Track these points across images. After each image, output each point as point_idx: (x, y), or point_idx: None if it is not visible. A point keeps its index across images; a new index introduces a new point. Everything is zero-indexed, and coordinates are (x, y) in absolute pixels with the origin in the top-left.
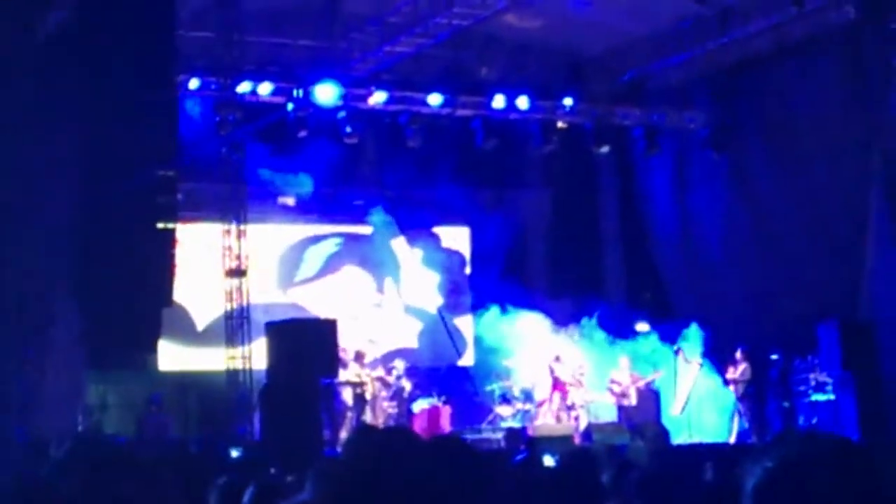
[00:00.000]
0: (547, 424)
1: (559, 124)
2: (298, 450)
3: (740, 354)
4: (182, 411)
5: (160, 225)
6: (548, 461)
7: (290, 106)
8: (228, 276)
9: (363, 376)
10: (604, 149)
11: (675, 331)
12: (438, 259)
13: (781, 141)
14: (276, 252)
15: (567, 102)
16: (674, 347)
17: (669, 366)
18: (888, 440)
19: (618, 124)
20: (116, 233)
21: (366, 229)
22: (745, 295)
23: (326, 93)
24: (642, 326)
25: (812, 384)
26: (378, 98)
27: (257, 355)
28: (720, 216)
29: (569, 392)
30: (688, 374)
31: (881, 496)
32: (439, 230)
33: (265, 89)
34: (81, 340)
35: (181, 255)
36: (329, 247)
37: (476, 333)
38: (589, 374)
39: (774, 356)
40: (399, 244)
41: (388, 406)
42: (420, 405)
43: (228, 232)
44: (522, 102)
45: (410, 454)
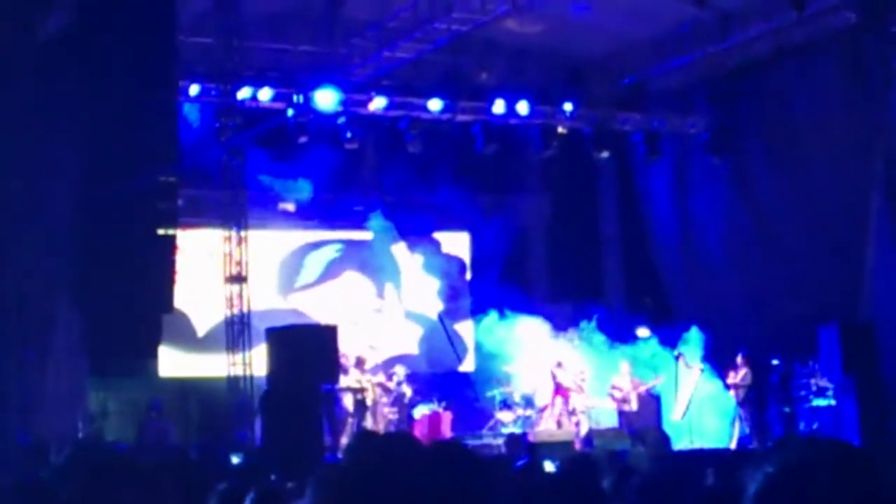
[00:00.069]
0: (547, 430)
1: (559, 129)
2: (299, 456)
3: (741, 359)
4: (182, 417)
5: (160, 231)
6: (548, 467)
7: (291, 112)
8: (229, 283)
9: (364, 382)
10: (604, 154)
11: (676, 335)
12: (439, 264)
13: (782, 144)
14: (277, 258)
15: (567, 107)
16: (674, 353)
17: (670, 371)
18: (889, 445)
19: (618, 129)
20: (116, 238)
21: (366, 235)
22: (746, 298)
23: (326, 98)
24: (643, 332)
25: (813, 389)
26: (378, 103)
27: (258, 361)
28: (720, 220)
29: (570, 397)
30: (689, 380)
31: (883, 500)
32: (439, 235)
33: (265, 95)
34: (82, 346)
35: (182, 262)
36: (329, 252)
37: (476, 339)
38: (590, 380)
39: (775, 361)
40: (399, 250)
41: (389, 412)
42: (421, 411)
43: (229, 238)
44: (522, 107)
45: (411, 460)
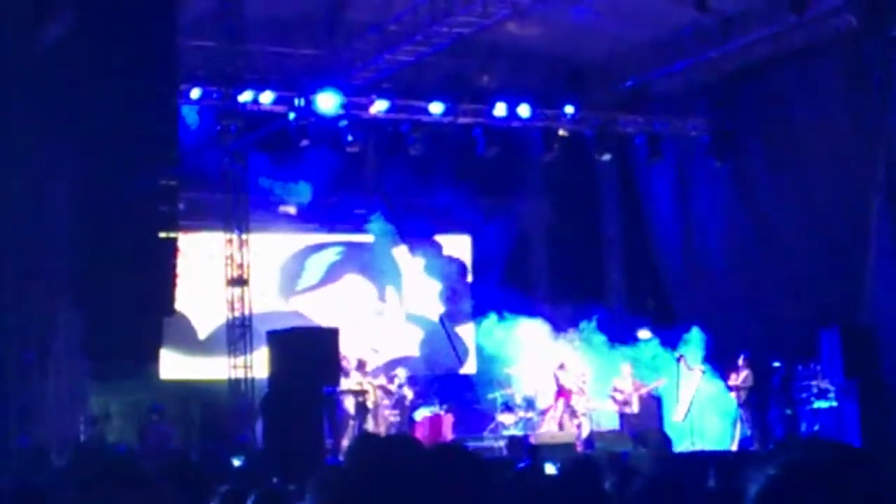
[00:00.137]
0: (549, 432)
1: (560, 132)
2: (300, 458)
3: (742, 361)
4: (184, 420)
5: (162, 234)
6: (550, 469)
7: (292, 115)
8: (230, 285)
9: (365, 385)
10: (605, 156)
11: (676, 336)
12: (440, 267)
13: (782, 147)
14: (278, 261)
15: (568, 110)
16: (676, 355)
17: (671, 373)
18: (891, 446)
19: (619, 132)
20: (118, 242)
21: (367, 238)
22: (747, 300)
23: (328, 101)
24: (644, 334)
25: (814, 391)
26: (379, 106)
27: (259, 364)
28: (722, 222)
29: (572, 399)
30: (690, 382)
31: (884, 503)
32: (441, 238)
33: (267, 98)
34: (83, 349)
35: (183, 265)
36: (330, 255)
37: (477, 341)
38: (591, 382)
39: (776, 363)
40: (400, 252)
41: (390, 414)
42: (422, 413)
43: (230, 241)
44: (524, 110)
45: (412, 462)
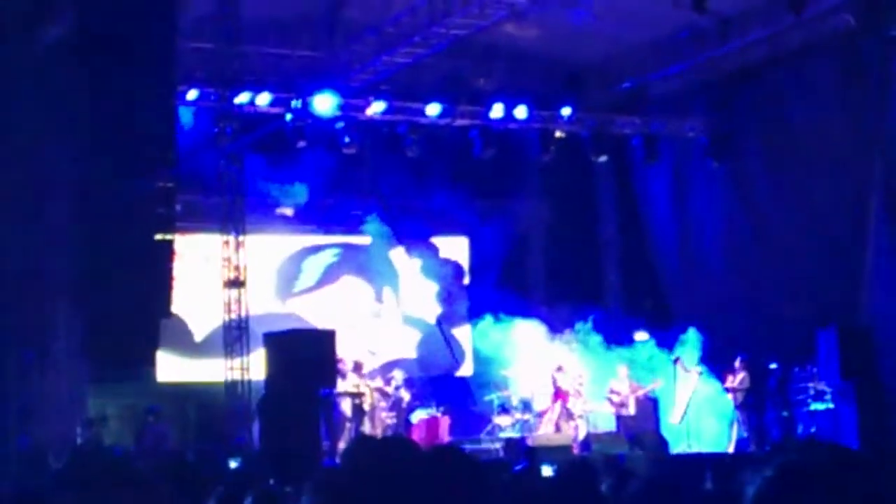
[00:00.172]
0: (546, 434)
1: (557, 133)
2: (297, 460)
3: (739, 363)
4: (181, 422)
5: (158, 236)
6: (546, 471)
7: (289, 116)
8: (227, 287)
9: (362, 387)
10: (602, 157)
11: (673, 337)
12: (437, 269)
13: (780, 148)
14: (275, 263)
15: (565, 112)
16: (672, 357)
17: (668, 375)
18: (888, 448)
19: (616, 133)
20: (115, 244)
21: (364, 239)
22: (745, 302)
23: (325, 103)
24: (641, 336)
25: (811, 393)
26: (376, 108)
27: (256, 366)
28: (719, 223)
29: (569, 402)
30: (687, 384)
31: None
32: (438, 240)
33: (264, 100)
34: (80, 351)
35: (180, 267)
36: (327, 257)
37: (474, 343)
38: (587, 384)
39: (773, 365)
40: (397, 254)
41: (387, 416)
42: (419, 415)
43: (227, 243)
44: (521, 112)
45: (409, 464)
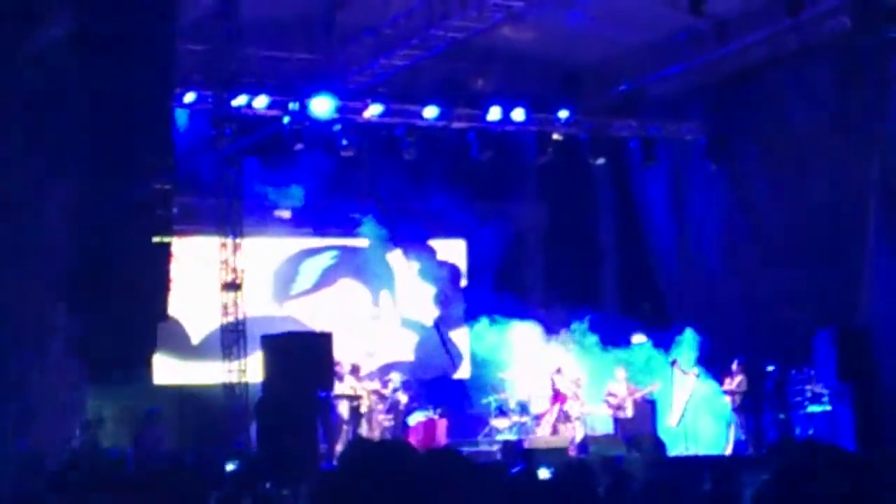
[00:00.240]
0: (543, 437)
1: (555, 136)
2: (294, 463)
3: (736, 366)
4: (178, 425)
5: (156, 238)
6: (544, 473)
7: (286, 119)
8: (224, 290)
9: (359, 389)
10: (600, 160)
11: (669, 337)
12: (434, 271)
13: (778, 150)
14: (272, 265)
15: (563, 114)
16: (669, 359)
17: (665, 377)
18: (885, 451)
19: (614, 136)
20: (112, 246)
21: (361, 242)
22: (742, 304)
23: (322, 106)
24: (639, 338)
25: (808, 395)
26: (374, 111)
27: (253, 369)
28: (717, 226)
29: (567, 404)
30: (684, 386)
31: None
32: (435, 243)
33: (261, 102)
34: (77, 354)
35: (177, 269)
36: (325, 260)
37: (471, 345)
38: (585, 386)
39: (770, 367)
40: (395, 257)
41: (384, 419)
42: (416, 418)
43: (224, 245)
44: (518, 114)
45: (405, 467)
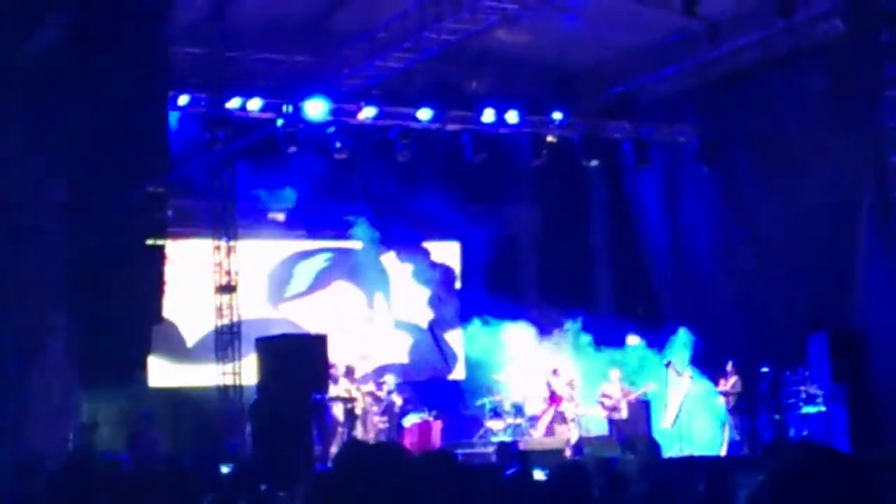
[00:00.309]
0: (538, 438)
1: (549, 138)
2: (289, 465)
3: (731, 367)
4: (173, 428)
5: (150, 241)
6: (538, 475)
7: (280, 122)
8: (218, 292)
9: (353, 391)
10: (593, 162)
11: (663, 337)
12: (428, 274)
13: (771, 152)
14: (266, 268)
15: (556, 116)
16: (664, 361)
17: (660, 378)
18: (879, 451)
19: (607, 138)
20: (106, 249)
21: (355, 244)
22: (736, 306)
23: (316, 108)
24: (633, 340)
25: (803, 396)
26: (368, 113)
27: (248, 371)
28: (710, 228)
29: (562, 405)
30: (679, 387)
31: None
32: (429, 245)
33: (255, 105)
34: (71, 358)
35: (171, 272)
36: (319, 262)
37: (466, 347)
38: (580, 387)
39: (765, 369)
40: (389, 259)
41: (379, 421)
42: (411, 420)
43: (218, 248)
44: (512, 117)
45: (400, 469)
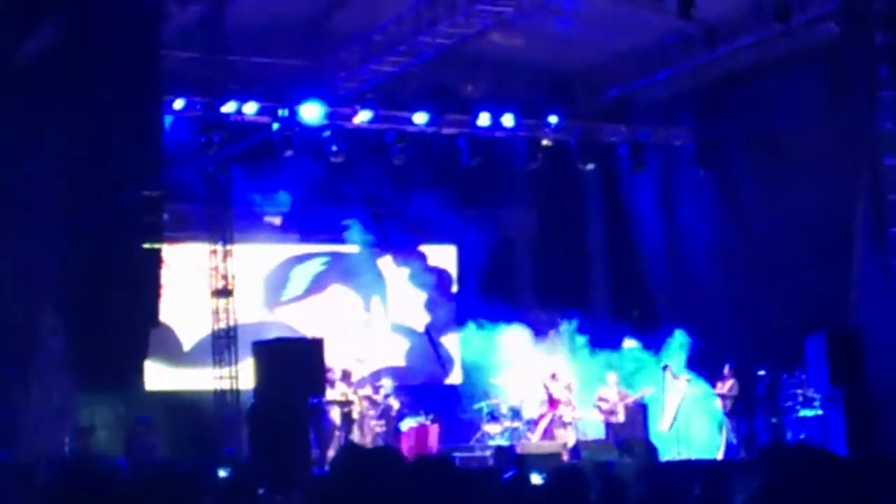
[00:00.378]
0: (535, 442)
1: (544, 142)
2: (286, 469)
3: (728, 370)
4: (170, 432)
5: (146, 245)
6: (536, 479)
7: (276, 125)
8: (215, 296)
9: (350, 395)
10: (589, 165)
11: (660, 339)
12: (425, 277)
13: (767, 155)
14: (263, 271)
15: (552, 120)
16: (661, 364)
17: (657, 382)
18: (876, 455)
19: (603, 141)
20: (103, 253)
21: (352, 248)
22: (733, 309)
23: (312, 112)
24: (630, 343)
25: (800, 399)
26: (363, 117)
27: (244, 375)
28: (706, 231)
29: (559, 409)
30: (676, 391)
31: None
32: (426, 248)
33: (250, 109)
34: (68, 362)
35: (167, 276)
36: (315, 266)
37: (462, 351)
38: (576, 391)
39: (762, 372)
40: (385, 263)
41: (376, 425)
42: (408, 424)
43: (215, 252)
44: (508, 120)
45: (396, 473)
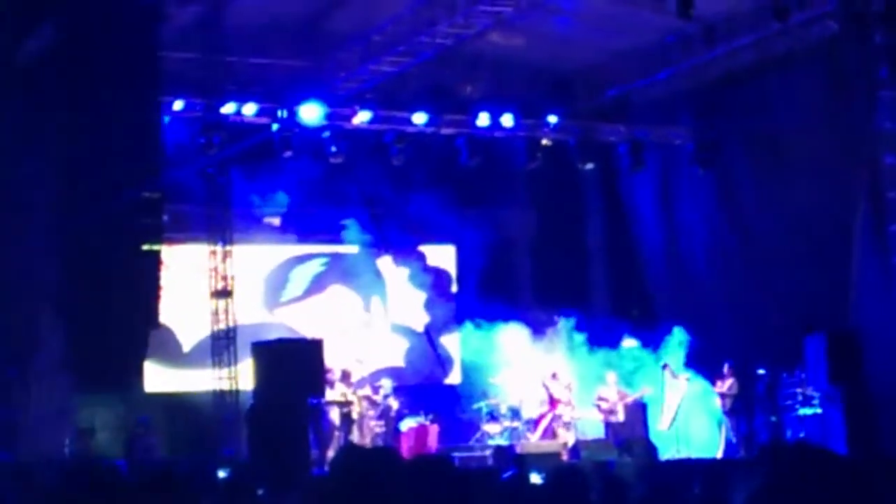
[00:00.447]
0: (535, 442)
1: (544, 141)
2: (286, 470)
3: (727, 369)
4: (170, 433)
5: (146, 246)
6: (535, 479)
7: (275, 126)
8: (214, 297)
9: (350, 396)
10: (588, 165)
11: (659, 337)
12: (424, 277)
13: (766, 155)
14: (262, 272)
15: (551, 119)
16: (661, 363)
17: (656, 381)
18: (876, 453)
19: (602, 141)
20: (102, 255)
21: (351, 249)
22: (732, 308)
23: (311, 113)
24: (629, 342)
25: (799, 398)
26: (362, 117)
27: (244, 376)
28: (706, 230)
29: (559, 408)
30: (675, 390)
31: None
32: (425, 249)
33: (250, 110)
34: (67, 363)
35: (167, 277)
36: (315, 266)
37: (462, 351)
38: (576, 390)
39: (761, 371)
40: (385, 263)
41: (376, 425)
42: (407, 424)
43: (214, 253)
44: (507, 120)
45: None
